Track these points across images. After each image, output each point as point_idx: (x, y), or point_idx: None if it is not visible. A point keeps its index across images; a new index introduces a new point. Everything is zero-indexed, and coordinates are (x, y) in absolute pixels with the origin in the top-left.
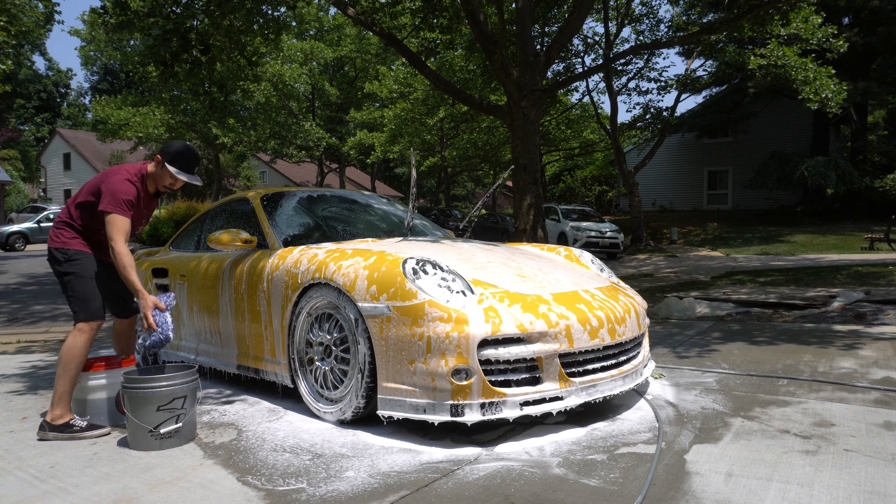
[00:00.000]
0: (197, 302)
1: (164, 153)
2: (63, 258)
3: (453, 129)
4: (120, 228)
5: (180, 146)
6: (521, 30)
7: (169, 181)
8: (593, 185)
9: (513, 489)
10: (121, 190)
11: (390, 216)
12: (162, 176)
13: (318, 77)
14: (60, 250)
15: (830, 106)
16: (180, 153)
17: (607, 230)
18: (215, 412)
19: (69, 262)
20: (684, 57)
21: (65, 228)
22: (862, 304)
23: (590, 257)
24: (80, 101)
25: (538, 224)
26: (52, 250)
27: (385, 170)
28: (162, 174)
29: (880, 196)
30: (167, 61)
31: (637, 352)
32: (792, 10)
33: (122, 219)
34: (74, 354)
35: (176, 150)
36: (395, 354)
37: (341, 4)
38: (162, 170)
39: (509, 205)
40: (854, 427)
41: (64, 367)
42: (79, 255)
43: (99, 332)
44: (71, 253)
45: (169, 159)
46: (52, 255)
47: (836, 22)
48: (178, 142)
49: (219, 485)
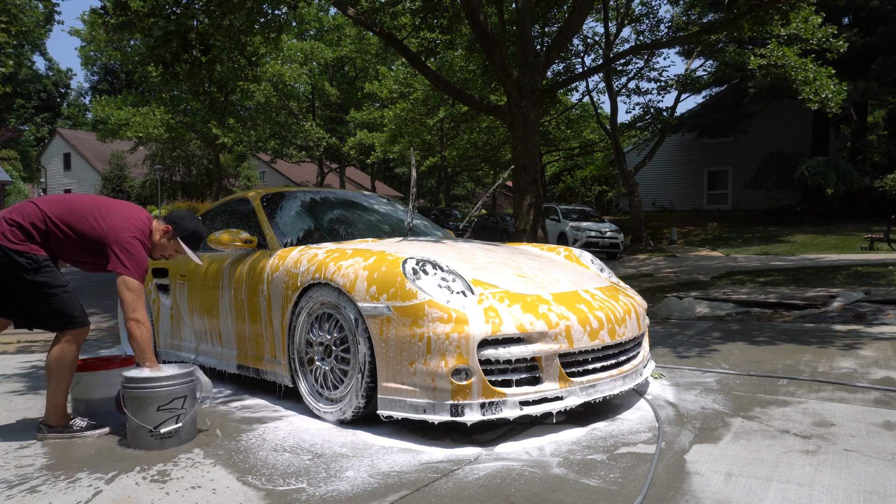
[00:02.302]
0: (197, 302)
1: (178, 228)
2: (31, 265)
3: (453, 129)
4: (141, 297)
5: (196, 225)
6: (521, 30)
7: (170, 253)
8: (593, 185)
9: (513, 489)
10: (140, 257)
11: (390, 216)
12: (167, 247)
13: (318, 77)
14: (26, 255)
15: (830, 106)
16: (197, 234)
17: (607, 230)
18: (216, 412)
19: (41, 272)
20: (684, 57)
21: (22, 230)
22: (862, 304)
23: (590, 257)
24: (80, 101)
25: (538, 224)
26: (12, 253)
27: (385, 170)
28: (168, 246)
29: (880, 196)
30: (168, 61)
31: (637, 352)
32: (792, 10)
33: (140, 286)
34: (67, 364)
35: (193, 229)
36: (395, 354)
37: (341, 4)
38: (170, 242)
39: (509, 205)
40: (854, 427)
41: (58, 378)
42: (48, 262)
43: (99, 333)
44: (40, 260)
45: (185, 237)
46: (11, 260)
47: (836, 22)
48: (190, 217)
49: (219, 485)
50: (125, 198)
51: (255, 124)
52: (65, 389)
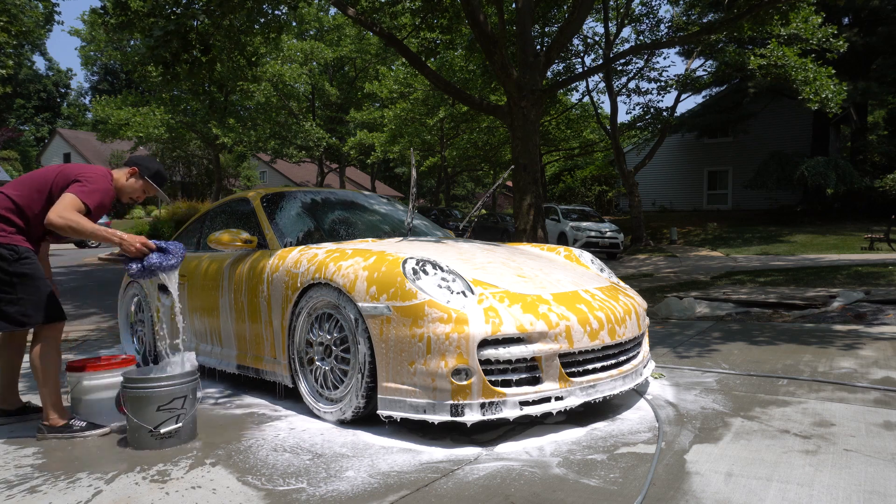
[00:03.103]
0: (197, 302)
1: (143, 168)
2: (12, 256)
3: (453, 129)
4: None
5: (159, 166)
6: (521, 30)
7: (138, 195)
8: (593, 185)
9: (513, 489)
10: (102, 188)
11: (390, 216)
12: (135, 189)
13: (318, 77)
14: (7, 246)
15: (830, 106)
16: (160, 173)
17: (607, 230)
18: (216, 412)
19: (20, 262)
20: (684, 57)
21: (6, 221)
22: (862, 304)
23: (590, 257)
24: (80, 101)
25: (538, 224)
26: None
27: (385, 170)
28: (136, 187)
29: (880, 196)
30: (168, 62)
31: (637, 352)
32: (792, 10)
33: (82, 206)
34: (50, 362)
35: (157, 169)
36: (395, 354)
37: (341, 4)
38: (138, 182)
39: (509, 205)
40: (854, 427)
41: (44, 377)
42: (29, 254)
43: (99, 333)
44: (22, 251)
45: (151, 175)
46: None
47: (836, 22)
48: (152, 159)
49: (219, 485)
50: None
51: (255, 124)
52: (54, 387)
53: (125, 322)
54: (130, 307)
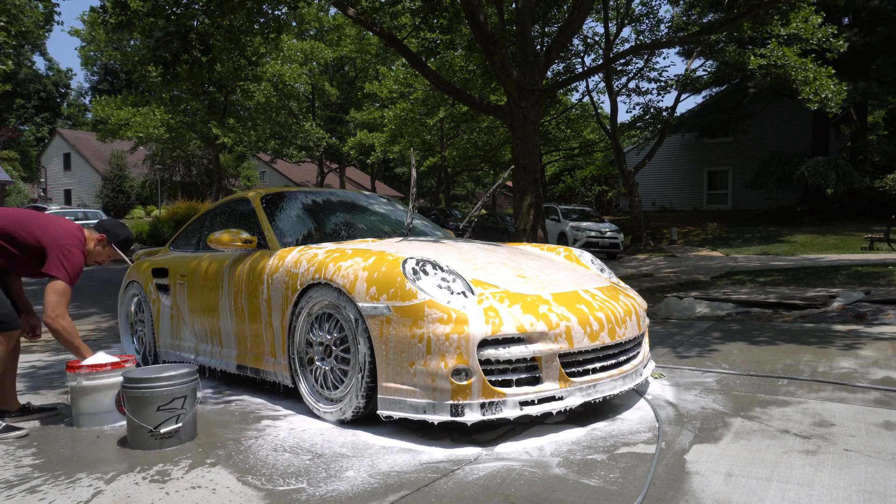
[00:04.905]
0: (197, 302)
1: (111, 235)
2: None
3: (453, 129)
4: (67, 300)
5: (127, 232)
6: (521, 30)
7: (103, 259)
8: (593, 185)
9: (513, 489)
10: (76, 262)
11: (390, 216)
12: (101, 254)
13: (318, 77)
14: None
15: (830, 106)
16: (128, 239)
17: (607, 230)
18: (216, 412)
19: None
20: (684, 57)
21: None
22: (862, 304)
23: (590, 257)
24: (80, 101)
25: (538, 224)
26: None
27: (385, 170)
28: (102, 252)
29: (880, 196)
30: (168, 62)
31: (637, 352)
32: (792, 10)
33: (69, 290)
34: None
35: (125, 236)
36: (395, 355)
37: (341, 4)
38: (105, 248)
39: (509, 205)
40: (854, 427)
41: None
42: None
43: (99, 333)
44: None
45: (118, 243)
46: None
47: (836, 22)
48: (121, 225)
49: (219, 484)
50: (125, 198)
51: (255, 124)
52: None
53: (125, 322)
54: (130, 307)
